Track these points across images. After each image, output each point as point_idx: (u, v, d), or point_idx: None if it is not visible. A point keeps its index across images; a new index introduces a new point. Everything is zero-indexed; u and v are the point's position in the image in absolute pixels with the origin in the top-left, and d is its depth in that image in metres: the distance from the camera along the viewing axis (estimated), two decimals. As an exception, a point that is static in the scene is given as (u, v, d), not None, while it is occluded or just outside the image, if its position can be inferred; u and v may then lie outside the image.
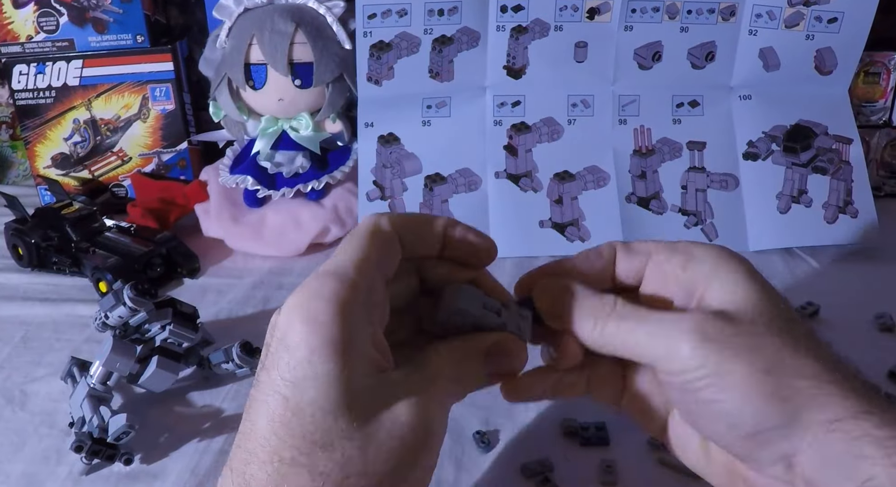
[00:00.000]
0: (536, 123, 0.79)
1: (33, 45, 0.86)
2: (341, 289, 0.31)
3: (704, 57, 0.78)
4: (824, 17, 0.76)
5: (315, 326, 0.30)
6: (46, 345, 0.63)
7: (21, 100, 0.87)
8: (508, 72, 0.78)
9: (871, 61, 0.84)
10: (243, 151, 0.83)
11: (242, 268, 0.76)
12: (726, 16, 0.77)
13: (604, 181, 0.78)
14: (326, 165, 0.81)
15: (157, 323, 0.55)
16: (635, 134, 0.79)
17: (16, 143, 1.00)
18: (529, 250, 0.76)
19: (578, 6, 0.76)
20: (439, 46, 0.77)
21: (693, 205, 0.78)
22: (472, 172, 0.78)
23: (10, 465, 0.49)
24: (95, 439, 0.48)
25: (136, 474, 0.48)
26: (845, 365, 0.33)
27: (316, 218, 0.78)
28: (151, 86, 0.87)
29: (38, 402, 0.56)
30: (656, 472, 0.48)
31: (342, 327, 0.30)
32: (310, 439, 0.29)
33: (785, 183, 0.77)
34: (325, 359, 0.29)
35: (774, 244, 0.76)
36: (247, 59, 0.77)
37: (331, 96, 0.79)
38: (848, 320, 0.64)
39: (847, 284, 0.70)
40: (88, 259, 0.72)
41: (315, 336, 0.30)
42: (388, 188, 0.78)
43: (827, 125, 0.78)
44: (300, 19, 0.76)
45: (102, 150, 0.90)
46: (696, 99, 0.79)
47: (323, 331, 0.30)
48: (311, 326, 0.30)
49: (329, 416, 0.29)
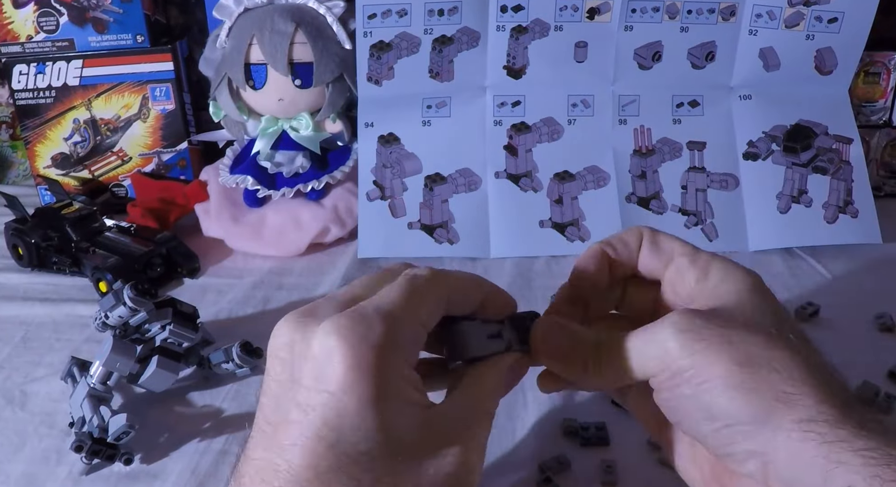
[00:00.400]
0: (536, 123, 0.79)
1: (33, 45, 0.86)
2: (390, 337, 0.30)
3: (704, 57, 0.78)
4: (824, 17, 0.76)
5: (361, 373, 0.29)
6: (46, 345, 0.63)
7: (21, 100, 0.87)
8: (508, 72, 0.78)
9: (871, 61, 0.84)
10: (243, 151, 0.83)
11: (242, 268, 0.76)
12: (726, 16, 0.77)
13: (604, 181, 0.78)
14: (326, 165, 0.81)
15: (157, 323, 0.55)
16: (635, 134, 0.79)
17: (16, 143, 1.00)
18: (529, 250, 0.77)
19: (578, 6, 0.76)
20: (439, 46, 0.77)
21: (693, 205, 0.78)
22: (472, 172, 0.78)
23: (10, 465, 0.49)
24: (95, 439, 0.48)
25: (136, 474, 0.48)
26: (831, 372, 0.33)
27: (316, 218, 0.78)
28: (151, 86, 0.87)
29: (38, 402, 0.56)
30: (656, 472, 0.48)
31: (389, 375, 0.30)
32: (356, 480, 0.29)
33: (785, 183, 0.77)
34: (372, 411, 0.29)
35: (774, 244, 0.76)
36: (247, 59, 0.77)
37: (331, 96, 0.79)
38: (848, 320, 0.64)
39: (847, 284, 0.70)
40: (88, 259, 0.72)
41: (364, 385, 0.29)
42: (388, 188, 0.78)
43: (827, 125, 0.78)
44: (300, 19, 0.76)
45: (102, 150, 0.90)
46: (696, 99, 0.79)
47: (371, 380, 0.29)
48: (357, 373, 0.29)
49: (377, 462, 0.29)
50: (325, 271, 0.75)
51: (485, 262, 0.76)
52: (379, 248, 0.77)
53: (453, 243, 0.77)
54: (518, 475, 0.47)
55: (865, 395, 0.53)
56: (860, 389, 0.54)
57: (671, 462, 0.38)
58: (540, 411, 0.53)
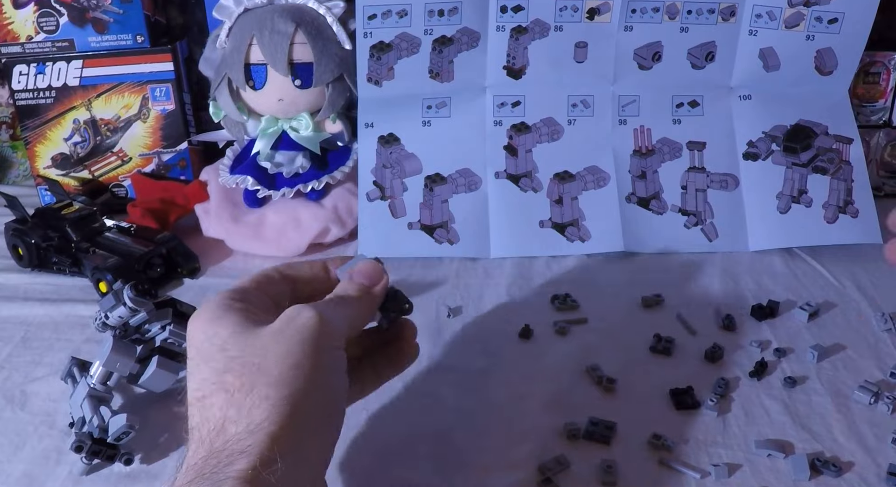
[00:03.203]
0: (536, 124, 0.79)
1: (33, 45, 0.86)
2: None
3: (704, 57, 0.78)
4: (825, 17, 0.76)
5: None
6: (46, 345, 0.63)
7: (21, 100, 0.87)
8: (508, 72, 0.78)
9: (871, 61, 0.84)
10: (243, 151, 0.83)
11: (242, 268, 0.76)
12: (726, 16, 0.77)
13: (604, 181, 0.78)
14: (326, 166, 0.81)
15: (157, 323, 0.55)
16: (635, 134, 0.79)
17: (16, 143, 1.00)
18: (529, 250, 0.77)
19: (578, 6, 0.76)
20: (439, 47, 0.77)
21: (693, 205, 0.78)
22: (472, 173, 0.78)
23: (10, 465, 0.49)
24: (95, 439, 0.48)
25: (136, 474, 0.49)
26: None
27: (316, 218, 0.78)
28: (151, 86, 0.87)
29: (38, 402, 0.56)
30: (656, 472, 0.48)
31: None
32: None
33: (785, 183, 0.77)
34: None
35: (774, 244, 0.76)
36: (247, 60, 0.77)
37: (331, 96, 0.79)
38: (848, 320, 0.64)
39: (847, 284, 0.70)
40: (88, 259, 0.72)
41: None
42: (388, 188, 0.78)
43: (827, 125, 0.78)
44: (300, 19, 0.76)
45: (102, 150, 0.90)
46: (696, 99, 0.79)
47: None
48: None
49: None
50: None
51: (485, 262, 0.76)
52: (379, 248, 0.77)
53: (453, 244, 0.77)
54: (518, 475, 0.47)
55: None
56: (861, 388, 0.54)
57: None
58: (540, 411, 0.53)
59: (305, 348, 0.38)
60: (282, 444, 0.35)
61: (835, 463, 0.48)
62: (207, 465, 0.35)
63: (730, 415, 0.53)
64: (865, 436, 0.50)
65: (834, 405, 0.54)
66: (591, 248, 0.77)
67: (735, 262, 0.74)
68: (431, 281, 0.72)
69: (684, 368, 0.58)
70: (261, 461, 0.34)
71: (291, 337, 0.39)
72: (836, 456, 0.49)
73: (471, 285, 0.71)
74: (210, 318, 0.40)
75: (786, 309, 0.65)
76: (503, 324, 0.64)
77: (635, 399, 0.55)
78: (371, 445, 0.50)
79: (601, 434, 0.50)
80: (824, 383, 0.56)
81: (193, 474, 0.34)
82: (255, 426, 0.36)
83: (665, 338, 0.61)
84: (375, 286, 0.45)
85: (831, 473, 0.47)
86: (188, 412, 0.38)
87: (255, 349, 0.38)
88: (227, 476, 0.34)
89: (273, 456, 0.35)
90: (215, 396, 0.37)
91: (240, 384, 0.37)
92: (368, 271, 0.46)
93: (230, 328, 0.39)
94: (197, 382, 0.39)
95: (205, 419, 0.37)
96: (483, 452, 0.49)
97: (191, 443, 0.37)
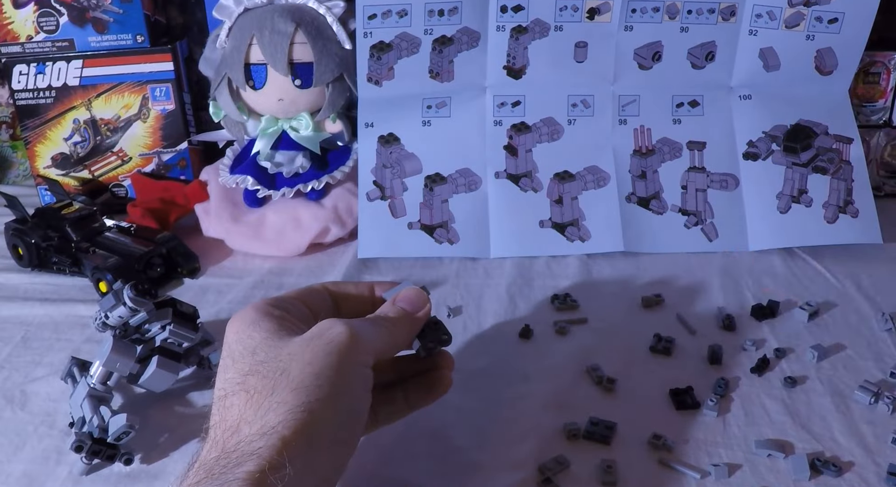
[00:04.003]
0: (536, 123, 0.79)
1: (33, 45, 0.86)
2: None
3: (704, 57, 0.78)
4: (825, 17, 0.76)
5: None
6: (46, 345, 0.63)
7: (21, 100, 0.87)
8: (508, 72, 0.78)
9: (872, 61, 0.84)
10: (243, 151, 0.83)
11: (242, 268, 0.76)
12: (726, 16, 0.77)
13: (604, 181, 0.78)
14: (326, 165, 0.81)
15: (157, 323, 0.55)
16: (635, 134, 0.79)
17: (16, 143, 1.00)
18: (529, 250, 0.77)
19: (578, 6, 0.76)
20: (439, 47, 0.77)
21: (693, 205, 0.78)
22: (472, 173, 0.78)
23: (10, 465, 0.49)
24: (95, 439, 0.48)
25: (136, 474, 0.49)
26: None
27: (316, 218, 0.78)
28: (151, 86, 0.87)
29: (38, 402, 0.56)
30: (656, 472, 0.48)
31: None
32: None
33: (785, 183, 0.77)
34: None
35: (774, 244, 0.76)
36: (247, 60, 0.77)
37: (331, 96, 0.79)
38: (848, 320, 0.64)
39: (847, 284, 0.70)
40: (88, 259, 0.72)
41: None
42: (388, 188, 0.78)
43: (827, 125, 0.78)
44: (300, 19, 0.76)
45: (102, 150, 0.90)
46: (696, 99, 0.79)
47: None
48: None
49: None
50: (325, 272, 0.75)
51: (485, 262, 0.76)
52: (379, 248, 0.77)
53: (453, 243, 0.77)
54: (518, 475, 0.47)
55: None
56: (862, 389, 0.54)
57: None
58: (540, 411, 0.53)
59: (331, 359, 0.39)
60: (293, 450, 0.35)
61: (835, 463, 0.48)
62: (217, 465, 0.35)
63: (730, 415, 0.53)
64: (865, 436, 0.50)
65: (834, 405, 0.54)
66: (591, 248, 0.77)
67: (735, 262, 0.74)
68: (431, 281, 0.72)
69: (684, 368, 0.58)
70: (270, 464, 0.34)
71: (319, 347, 0.39)
72: (836, 456, 0.49)
73: (471, 285, 0.71)
74: (247, 321, 0.42)
75: (786, 309, 0.65)
76: (503, 324, 0.65)
77: (635, 399, 0.55)
78: (371, 445, 0.50)
79: (601, 434, 0.50)
80: (824, 383, 0.56)
81: (203, 473, 0.35)
82: (269, 429, 0.36)
83: (665, 338, 0.61)
84: (417, 313, 0.46)
85: (831, 473, 0.47)
86: (211, 411, 0.39)
87: (282, 355, 0.39)
88: (234, 477, 0.34)
89: (282, 461, 0.35)
90: (236, 396, 0.38)
91: (261, 387, 0.38)
92: (412, 297, 0.46)
93: (264, 333, 0.41)
94: (222, 381, 0.39)
95: (222, 419, 0.38)
96: (483, 452, 0.49)
97: (206, 442, 0.37)
